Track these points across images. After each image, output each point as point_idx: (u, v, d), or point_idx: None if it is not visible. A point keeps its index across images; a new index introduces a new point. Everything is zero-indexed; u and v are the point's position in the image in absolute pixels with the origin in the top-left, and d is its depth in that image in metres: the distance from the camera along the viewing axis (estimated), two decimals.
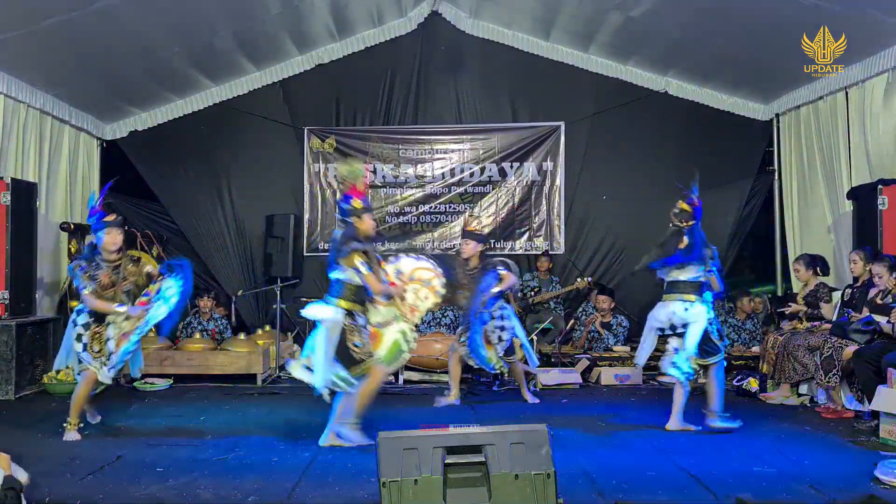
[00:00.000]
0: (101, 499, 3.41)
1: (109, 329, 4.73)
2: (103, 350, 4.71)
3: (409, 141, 8.87)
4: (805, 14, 5.98)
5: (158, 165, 8.73)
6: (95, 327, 4.74)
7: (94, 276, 4.71)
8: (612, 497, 3.41)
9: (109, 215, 4.85)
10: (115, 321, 4.73)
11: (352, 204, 4.53)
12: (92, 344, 4.72)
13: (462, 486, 3.01)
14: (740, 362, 6.87)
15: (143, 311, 4.70)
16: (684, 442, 4.57)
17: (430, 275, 4.88)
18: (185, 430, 4.97)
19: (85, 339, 4.72)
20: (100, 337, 4.73)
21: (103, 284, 4.73)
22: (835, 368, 5.34)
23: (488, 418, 5.30)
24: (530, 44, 8.57)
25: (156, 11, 6.42)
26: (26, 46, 6.21)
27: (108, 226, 4.78)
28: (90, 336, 4.73)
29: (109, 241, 4.77)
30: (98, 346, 4.72)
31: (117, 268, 4.80)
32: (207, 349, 7.09)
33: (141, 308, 4.72)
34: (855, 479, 3.68)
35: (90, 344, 4.72)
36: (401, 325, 4.62)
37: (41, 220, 6.85)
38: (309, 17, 7.82)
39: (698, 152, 8.56)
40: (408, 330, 4.66)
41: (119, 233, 4.82)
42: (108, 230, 4.76)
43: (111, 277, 4.76)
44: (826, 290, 6.13)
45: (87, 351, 4.71)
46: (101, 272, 4.74)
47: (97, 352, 4.71)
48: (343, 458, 4.15)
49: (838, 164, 6.98)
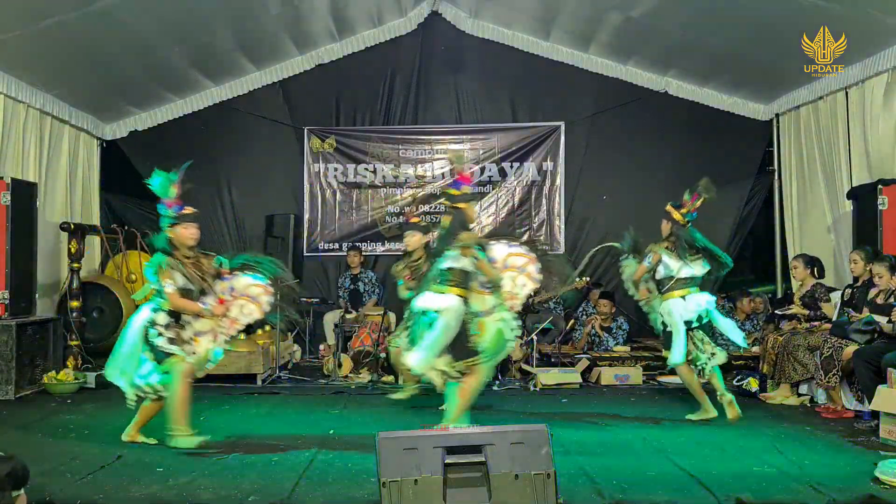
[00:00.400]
0: (101, 499, 3.41)
1: (187, 330, 4.45)
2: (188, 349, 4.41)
3: (409, 141, 8.87)
4: (805, 14, 5.98)
5: (158, 165, 8.68)
6: (175, 328, 4.42)
7: (181, 273, 4.41)
8: (612, 497, 3.41)
9: (187, 208, 4.60)
10: (191, 322, 4.46)
11: (462, 190, 4.49)
12: (178, 335, 4.41)
13: (462, 486, 3.01)
14: (740, 362, 6.87)
15: (225, 308, 4.50)
16: (684, 442, 4.57)
17: (524, 260, 4.74)
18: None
19: (168, 334, 4.37)
20: (179, 337, 4.41)
21: (186, 282, 4.42)
22: (835, 368, 5.34)
23: (488, 418, 5.30)
24: (530, 44, 8.57)
25: (156, 11, 6.43)
26: (26, 46, 6.21)
27: (187, 219, 4.53)
28: (173, 334, 4.40)
29: (188, 236, 4.49)
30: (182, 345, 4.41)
31: (195, 264, 4.50)
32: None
33: (222, 306, 4.50)
34: (855, 479, 3.68)
35: (175, 340, 4.38)
36: (502, 313, 4.53)
37: (41, 220, 6.85)
38: (309, 17, 7.82)
39: (698, 152, 8.58)
40: (510, 318, 4.56)
41: (197, 227, 4.57)
42: (186, 224, 4.50)
43: (192, 274, 4.45)
44: (823, 291, 6.13)
45: (175, 344, 4.36)
46: (182, 269, 4.42)
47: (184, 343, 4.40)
48: (343, 458, 4.15)
49: (838, 164, 6.98)
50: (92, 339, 7.37)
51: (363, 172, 8.83)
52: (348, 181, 8.85)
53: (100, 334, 7.48)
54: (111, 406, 5.79)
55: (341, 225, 8.85)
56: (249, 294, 4.58)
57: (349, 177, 8.85)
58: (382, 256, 8.76)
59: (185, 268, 4.43)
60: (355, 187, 8.85)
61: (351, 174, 8.84)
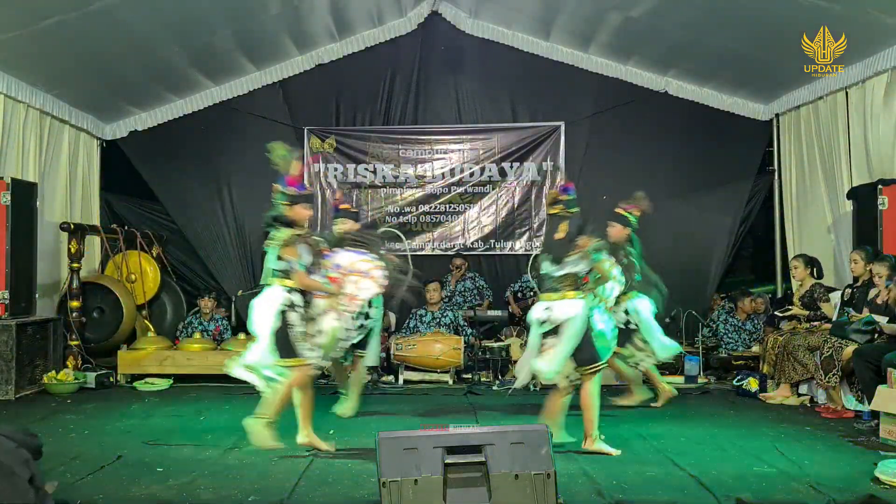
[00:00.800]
0: (101, 499, 3.41)
1: (313, 312, 4.37)
2: (315, 335, 4.33)
3: (409, 141, 8.87)
4: (805, 14, 5.98)
5: (158, 165, 8.73)
6: (307, 315, 4.33)
7: (306, 250, 4.33)
8: (612, 497, 3.41)
9: (308, 187, 4.60)
10: (316, 302, 4.38)
11: (570, 195, 4.58)
12: (306, 330, 4.31)
13: (462, 486, 3.01)
14: (740, 362, 6.88)
15: (339, 285, 4.44)
16: (684, 442, 4.57)
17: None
18: (185, 430, 4.96)
19: (300, 328, 4.27)
20: (309, 330, 4.32)
21: (311, 261, 4.36)
22: (835, 368, 5.35)
23: (488, 418, 5.31)
24: (530, 44, 8.57)
25: (156, 11, 6.42)
26: (26, 46, 6.21)
27: (307, 198, 4.48)
28: (303, 321, 4.30)
29: (306, 216, 4.44)
30: (309, 333, 4.32)
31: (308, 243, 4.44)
32: (207, 349, 7.10)
33: (336, 283, 4.43)
34: (855, 479, 3.68)
35: (305, 331, 4.29)
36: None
37: (41, 220, 6.85)
38: (309, 17, 7.82)
39: (698, 152, 8.58)
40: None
41: (311, 206, 4.59)
42: (305, 204, 4.43)
43: (313, 252, 4.39)
44: (822, 291, 6.13)
45: (305, 340, 4.28)
46: (306, 247, 4.35)
47: (311, 337, 4.32)
48: (343, 458, 4.15)
49: (838, 164, 6.98)
50: (92, 339, 7.38)
51: (363, 172, 8.83)
52: (348, 181, 8.85)
53: (100, 334, 7.49)
54: (111, 406, 5.80)
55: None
56: (359, 269, 4.58)
57: (349, 177, 8.85)
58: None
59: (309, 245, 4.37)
60: (355, 187, 8.85)
61: (351, 174, 8.84)
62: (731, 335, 7.41)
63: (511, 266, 8.85)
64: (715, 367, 7.10)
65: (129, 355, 7.04)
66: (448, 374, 6.83)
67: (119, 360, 6.98)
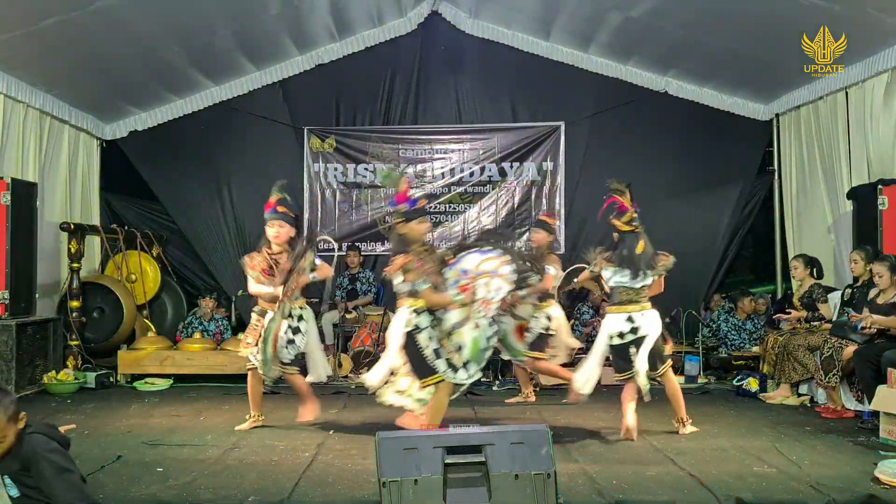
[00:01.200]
0: (101, 499, 3.40)
1: (445, 326, 4.27)
2: (455, 352, 4.23)
3: (409, 141, 8.87)
4: (805, 14, 5.98)
5: (158, 165, 8.73)
6: (438, 330, 4.27)
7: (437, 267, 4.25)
8: (612, 497, 3.41)
9: (420, 200, 4.50)
10: (447, 317, 4.28)
11: (630, 214, 4.65)
12: (442, 345, 4.24)
13: (462, 486, 3.01)
14: (740, 362, 6.87)
15: (471, 293, 4.23)
16: (684, 442, 4.57)
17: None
18: (185, 430, 4.96)
19: (434, 345, 4.22)
20: (444, 346, 4.26)
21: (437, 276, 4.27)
22: (835, 368, 5.35)
23: (488, 418, 5.30)
24: (530, 44, 8.57)
25: (156, 11, 6.42)
26: (26, 46, 6.21)
27: (421, 213, 4.41)
28: (438, 338, 4.23)
29: (424, 231, 4.41)
30: (449, 350, 4.24)
31: (428, 257, 4.34)
32: (207, 349, 7.10)
33: (466, 292, 4.23)
34: (855, 479, 3.68)
35: (439, 348, 4.21)
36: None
37: (41, 220, 6.85)
38: (309, 17, 7.82)
39: (698, 152, 8.59)
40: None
41: (426, 219, 4.48)
42: (419, 219, 4.37)
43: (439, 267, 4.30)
44: (821, 291, 6.13)
45: (440, 357, 4.20)
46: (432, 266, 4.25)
47: (451, 354, 4.22)
48: (343, 459, 4.15)
49: (838, 164, 6.99)
50: (92, 339, 7.38)
51: (363, 172, 8.83)
52: (348, 181, 8.85)
53: (100, 334, 7.49)
54: (111, 406, 5.80)
55: (341, 225, 8.85)
56: (486, 270, 4.29)
57: (349, 177, 8.85)
58: (382, 256, 8.75)
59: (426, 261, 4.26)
60: (355, 187, 8.85)
61: (351, 174, 8.84)
62: (733, 334, 7.41)
63: None
64: (715, 367, 7.10)
65: (129, 355, 7.04)
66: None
67: (119, 360, 6.98)
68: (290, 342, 4.77)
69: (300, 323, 4.81)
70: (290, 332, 4.77)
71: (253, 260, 4.84)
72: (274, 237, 4.86)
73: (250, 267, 4.81)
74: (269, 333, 4.65)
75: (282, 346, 4.71)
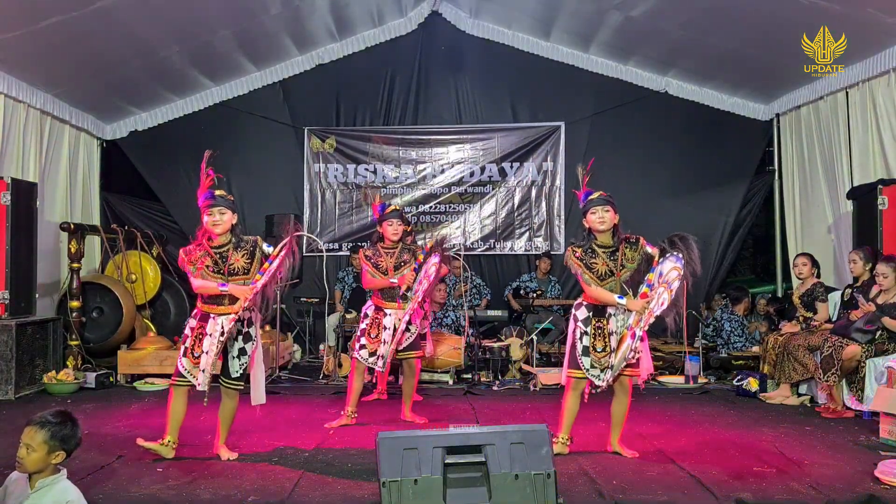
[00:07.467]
0: (100, 499, 3.41)
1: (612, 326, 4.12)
2: (607, 354, 4.07)
3: (409, 141, 8.87)
4: (805, 14, 5.98)
5: (158, 165, 8.74)
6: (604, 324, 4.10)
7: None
8: (612, 497, 3.40)
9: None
10: (615, 317, 4.12)
11: None
12: (595, 343, 4.09)
13: (462, 486, 3.01)
14: (740, 362, 6.87)
15: (649, 301, 3.95)
16: (684, 442, 4.57)
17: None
18: (185, 430, 4.95)
19: (585, 344, 4.10)
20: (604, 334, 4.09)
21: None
22: (835, 368, 5.34)
23: (488, 418, 5.30)
24: (530, 44, 8.58)
25: (156, 11, 6.43)
26: (26, 46, 6.21)
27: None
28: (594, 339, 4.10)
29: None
30: (603, 352, 4.08)
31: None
32: None
33: (643, 300, 3.96)
34: (855, 479, 3.68)
35: (591, 347, 4.08)
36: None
37: (41, 220, 6.85)
38: (309, 17, 7.82)
39: (698, 152, 8.59)
40: None
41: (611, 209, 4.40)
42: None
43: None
44: (822, 290, 6.13)
45: (591, 355, 4.06)
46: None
47: (602, 356, 4.07)
48: (343, 458, 4.15)
49: (839, 164, 6.99)
50: (92, 339, 7.37)
51: (363, 172, 8.83)
52: (348, 181, 8.86)
53: (100, 334, 7.48)
54: (111, 406, 5.80)
55: (341, 225, 8.86)
56: (668, 280, 3.89)
57: (349, 177, 8.86)
58: None
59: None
60: (355, 187, 8.85)
61: (351, 174, 8.85)
62: (737, 332, 7.41)
63: (511, 266, 8.86)
64: (715, 367, 7.09)
65: (129, 355, 7.02)
66: (448, 373, 6.82)
67: (119, 360, 6.97)
68: (241, 351, 4.22)
69: (251, 328, 4.22)
70: (241, 339, 4.20)
71: (191, 255, 4.25)
72: (214, 226, 4.21)
73: (188, 263, 4.24)
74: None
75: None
